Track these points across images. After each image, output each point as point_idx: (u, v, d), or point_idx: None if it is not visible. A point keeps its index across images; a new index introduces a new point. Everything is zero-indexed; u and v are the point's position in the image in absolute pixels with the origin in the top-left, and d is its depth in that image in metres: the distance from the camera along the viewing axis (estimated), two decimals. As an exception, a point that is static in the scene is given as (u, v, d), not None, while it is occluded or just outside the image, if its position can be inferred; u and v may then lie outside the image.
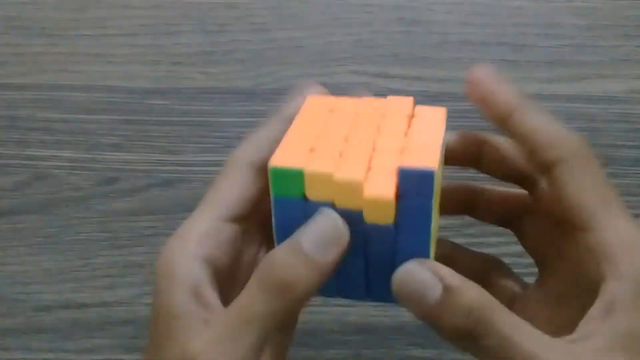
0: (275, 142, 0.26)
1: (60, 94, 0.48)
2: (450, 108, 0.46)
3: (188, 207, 0.27)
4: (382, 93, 0.46)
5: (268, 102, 0.47)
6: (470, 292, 0.23)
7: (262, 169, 0.26)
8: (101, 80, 0.48)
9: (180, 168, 0.46)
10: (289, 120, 0.27)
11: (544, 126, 0.26)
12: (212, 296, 0.25)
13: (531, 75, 0.46)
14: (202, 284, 0.25)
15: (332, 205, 0.25)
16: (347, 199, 0.24)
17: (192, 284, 0.25)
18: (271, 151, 0.25)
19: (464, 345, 0.24)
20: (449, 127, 0.27)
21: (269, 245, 0.28)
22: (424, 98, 0.46)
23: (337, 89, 0.31)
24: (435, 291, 0.23)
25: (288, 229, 0.25)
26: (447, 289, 0.23)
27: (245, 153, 0.28)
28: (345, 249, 0.24)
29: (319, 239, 0.24)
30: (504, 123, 0.27)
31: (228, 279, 0.27)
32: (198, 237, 0.26)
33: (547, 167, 0.26)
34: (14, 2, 0.49)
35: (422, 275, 0.24)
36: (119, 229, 0.46)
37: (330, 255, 0.24)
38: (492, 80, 0.27)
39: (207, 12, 0.48)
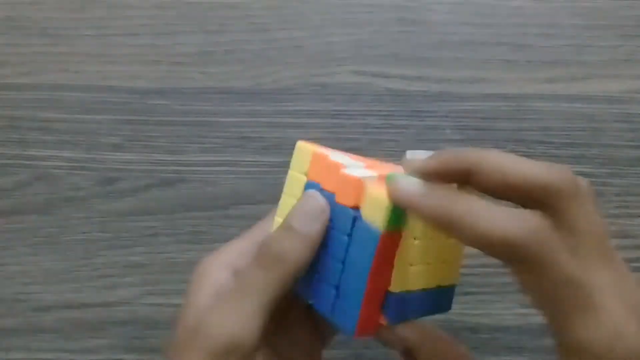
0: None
1: (60, 94, 0.48)
2: (450, 108, 0.46)
3: (188, 207, 0.27)
4: (382, 93, 0.47)
5: (268, 102, 0.47)
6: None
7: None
8: (101, 80, 0.48)
9: (180, 168, 0.46)
10: None
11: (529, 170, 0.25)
12: None
13: (531, 75, 0.46)
14: (223, 289, 0.29)
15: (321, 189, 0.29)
16: (348, 194, 0.28)
17: (216, 288, 0.29)
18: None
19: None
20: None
21: None
22: (424, 98, 0.47)
23: (337, 89, 0.31)
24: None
25: None
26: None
27: None
28: (326, 223, 0.29)
29: (305, 216, 0.28)
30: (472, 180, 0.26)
31: None
32: (232, 251, 0.31)
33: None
34: (14, 2, 0.49)
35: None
36: (119, 229, 0.46)
37: (314, 228, 0.28)
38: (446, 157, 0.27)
39: (207, 12, 0.48)
